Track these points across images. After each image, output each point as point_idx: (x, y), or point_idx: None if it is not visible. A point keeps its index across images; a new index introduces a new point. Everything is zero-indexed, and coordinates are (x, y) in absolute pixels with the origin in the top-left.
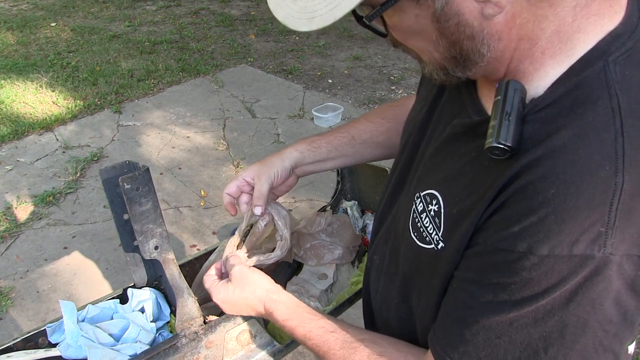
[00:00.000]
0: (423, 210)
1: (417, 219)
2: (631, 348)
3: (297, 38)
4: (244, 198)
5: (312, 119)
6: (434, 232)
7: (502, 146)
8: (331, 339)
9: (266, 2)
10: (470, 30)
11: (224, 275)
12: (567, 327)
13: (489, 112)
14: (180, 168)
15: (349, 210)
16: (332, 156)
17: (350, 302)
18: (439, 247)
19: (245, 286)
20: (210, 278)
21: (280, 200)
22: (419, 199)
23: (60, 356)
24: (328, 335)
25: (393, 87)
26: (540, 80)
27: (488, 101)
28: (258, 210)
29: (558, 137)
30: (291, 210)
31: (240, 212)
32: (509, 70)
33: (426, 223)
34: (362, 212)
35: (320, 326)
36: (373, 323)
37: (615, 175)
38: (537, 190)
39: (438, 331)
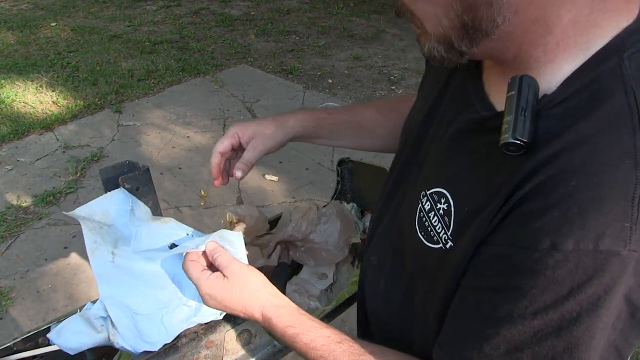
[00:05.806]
0: (431, 209)
1: (424, 218)
2: None
3: (297, 38)
4: (237, 164)
5: None
6: (443, 231)
7: (519, 142)
8: (338, 350)
9: (266, 2)
10: None
11: (212, 267)
12: (592, 332)
13: (498, 108)
14: (180, 168)
15: None
16: (332, 137)
17: (350, 302)
18: (448, 246)
19: (246, 286)
20: (197, 267)
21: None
22: (425, 198)
23: (59, 350)
24: (335, 346)
25: (393, 87)
26: (554, 74)
27: (496, 97)
28: (239, 174)
29: (575, 131)
30: (262, 206)
31: (235, 178)
32: (520, 54)
33: (434, 222)
34: (362, 214)
35: (325, 335)
36: (367, 324)
37: (635, 169)
38: (558, 183)
39: (449, 347)
